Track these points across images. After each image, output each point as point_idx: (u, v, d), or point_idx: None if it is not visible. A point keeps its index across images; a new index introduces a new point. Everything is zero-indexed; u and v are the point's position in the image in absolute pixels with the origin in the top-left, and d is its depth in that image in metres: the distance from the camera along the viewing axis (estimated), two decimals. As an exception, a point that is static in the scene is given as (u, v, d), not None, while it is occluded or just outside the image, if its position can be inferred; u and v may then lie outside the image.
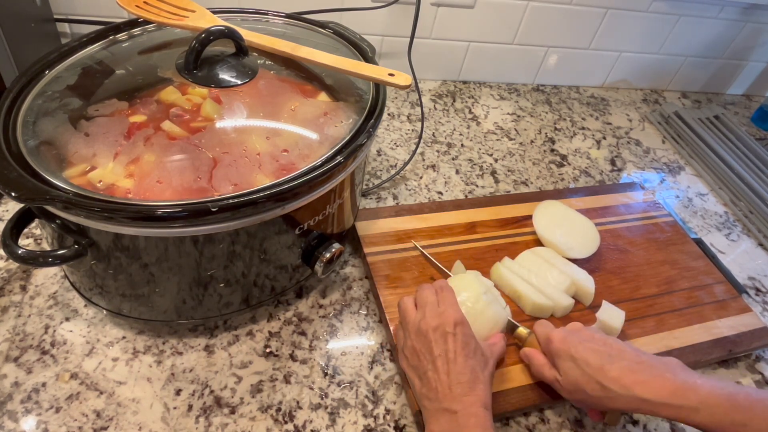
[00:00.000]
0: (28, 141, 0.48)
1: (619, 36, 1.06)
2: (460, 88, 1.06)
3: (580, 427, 0.57)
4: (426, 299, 0.53)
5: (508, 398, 0.56)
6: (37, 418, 0.50)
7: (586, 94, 1.13)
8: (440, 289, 0.55)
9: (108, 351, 0.56)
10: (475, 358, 0.50)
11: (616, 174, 0.93)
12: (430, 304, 0.53)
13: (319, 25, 0.70)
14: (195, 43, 0.55)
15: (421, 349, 0.51)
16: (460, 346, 0.50)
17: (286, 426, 0.53)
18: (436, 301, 0.53)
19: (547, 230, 0.72)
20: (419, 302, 0.54)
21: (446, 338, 0.50)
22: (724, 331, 0.67)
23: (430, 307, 0.52)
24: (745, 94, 1.26)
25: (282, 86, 0.59)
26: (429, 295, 0.54)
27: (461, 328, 0.51)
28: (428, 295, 0.54)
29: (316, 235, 0.57)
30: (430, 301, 0.53)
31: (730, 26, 1.09)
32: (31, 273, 0.61)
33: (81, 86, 0.55)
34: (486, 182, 0.86)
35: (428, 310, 0.52)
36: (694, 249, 0.78)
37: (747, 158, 1.00)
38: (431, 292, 0.54)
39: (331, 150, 0.52)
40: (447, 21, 0.96)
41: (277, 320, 0.61)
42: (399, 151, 0.88)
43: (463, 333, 0.51)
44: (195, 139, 0.50)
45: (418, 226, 0.72)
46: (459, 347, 0.50)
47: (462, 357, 0.49)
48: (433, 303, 0.53)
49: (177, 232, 0.45)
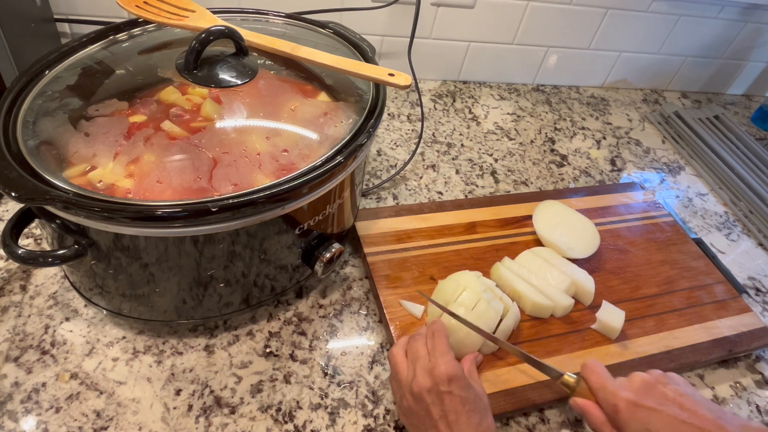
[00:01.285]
0: (28, 141, 0.48)
1: (619, 36, 1.06)
2: (460, 88, 1.06)
3: (580, 427, 0.57)
4: (417, 353, 0.50)
5: (508, 398, 0.56)
6: (37, 418, 0.50)
7: (586, 94, 1.13)
8: (431, 336, 0.51)
9: (108, 351, 0.56)
10: (477, 411, 0.47)
11: (616, 174, 0.93)
12: (422, 359, 0.49)
13: (319, 25, 0.70)
14: (195, 43, 0.55)
15: (419, 412, 0.48)
16: (459, 404, 0.47)
17: (286, 426, 0.53)
18: (427, 354, 0.50)
19: (547, 231, 0.72)
20: (410, 356, 0.51)
21: (442, 398, 0.47)
22: (724, 331, 0.67)
23: (422, 363, 0.49)
24: (745, 94, 1.26)
25: (282, 86, 0.59)
26: (420, 348, 0.51)
27: (456, 384, 0.47)
28: (419, 347, 0.51)
29: (316, 235, 0.57)
30: (421, 356, 0.50)
31: (730, 26, 1.09)
32: (31, 273, 0.61)
33: (81, 86, 0.55)
34: (486, 182, 0.86)
35: (419, 367, 0.49)
36: (694, 249, 0.78)
37: (747, 158, 1.00)
38: (422, 344, 0.51)
39: (331, 150, 0.52)
40: (447, 21, 0.96)
41: (277, 320, 0.61)
42: (399, 151, 0.88)
43: (459, 388, 0.47)
44: (195, 139, 0.50)
45: (418, 226, 0.72)
46: (458, 406, 0.47)
47: (464, 416, 0.46)
48: (424, 357, 0.49)
49: (177, 232, 0.45)
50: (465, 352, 0.57)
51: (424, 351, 0.50)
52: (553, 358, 0.60)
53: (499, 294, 0.62)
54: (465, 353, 0.57)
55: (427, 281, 0.65)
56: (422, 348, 0.51)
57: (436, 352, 0.49)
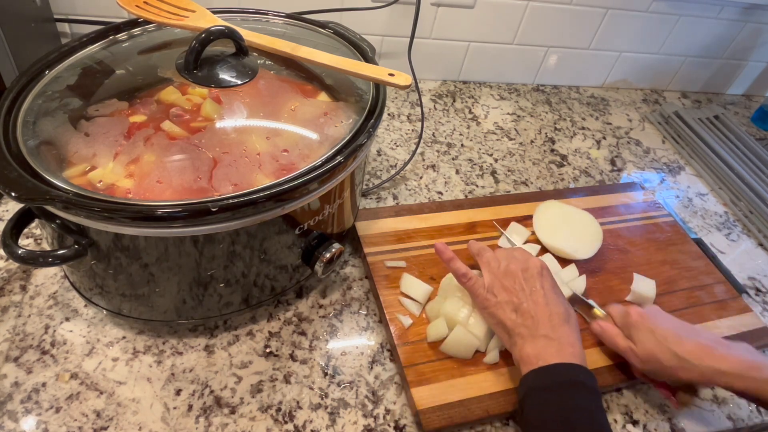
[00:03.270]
0: (28, 141, 0.48)
1: (619, 36, 1.06)
2: (460, 88, 1.06)
3: (580, 427, 0.57)
4: (502, 251, 0.61)
5: (508, 398, 0.56)
6: (37, 418, 0.50)
7: (586, 94, 1.13)
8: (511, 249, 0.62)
9: (108, 351, 0.56)
10: (564, 298, 0.56)
11: (616, 174, 0.93)
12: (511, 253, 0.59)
13: (319, 25, 0.70)
14: (195, 43, 0.55)
15: (514, 287, 0.55)
16: (550, 285, 0.56)
17: (286, 426, 0.53)
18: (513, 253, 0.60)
19: (549, 236, 0.72)
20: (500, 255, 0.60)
21: (536, 278, 0.56)
22: (724, 331, 0.67)
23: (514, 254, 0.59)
24: (745, 94, 1.26)
25: (282, 86, 0.59)
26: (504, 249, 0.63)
27: (547, 272, 0.57)
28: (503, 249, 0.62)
29: (316, 235, 0.57)
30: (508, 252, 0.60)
31: (730, 26, 1.09)
32: (31, 273, 0.61)
33: (81, 86, 0.55)
34: (486, 182, 0.86)
35: (512, 257, 0.58)
36: (694, 249, 0.78)
37: (747, 158, 1.00)
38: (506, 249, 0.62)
39: (331, 150, 0.52)
40: (447, 21, 0.96)
41: (277, 320, 0.61)
42: (399, 151, 0.88)
43: (549, 276, 0.57)
44: (195, 139, 0.50)
45: (418, 226, 0.72)
46: (549, 286, 0.56)
47: (554, 294, 0.55)
48: (511, 252, 0.60)
49: (177, 232, 0.45)
50: (464, 352, 0.58)
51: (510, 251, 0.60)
52: (553, 358, 0.60)
53: None
54: (464, 353, 0.58)
55: (427, 281, 0.65)
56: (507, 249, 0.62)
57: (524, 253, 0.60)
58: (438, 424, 0.53)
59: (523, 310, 0.53)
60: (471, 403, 0.55)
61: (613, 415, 0.59)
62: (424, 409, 0.53)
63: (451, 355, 0.58)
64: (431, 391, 0.55)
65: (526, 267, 0.57)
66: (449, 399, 0.55)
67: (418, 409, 0.53)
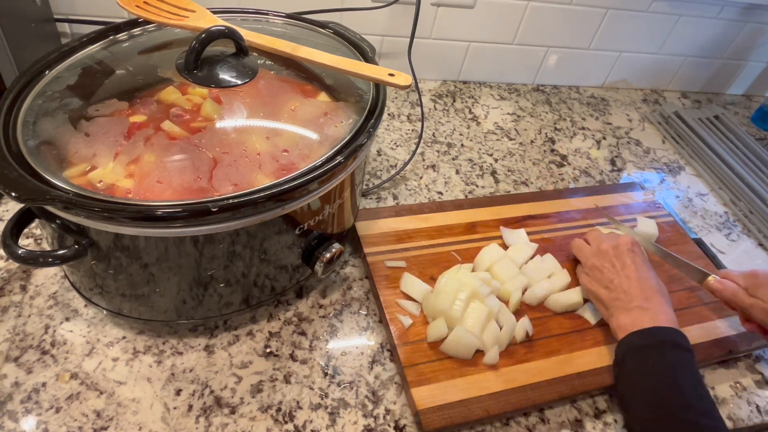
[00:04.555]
0: (28, 141, 0.48)
1: (619, 36, 1.06)
2: (460, 88, 1.06)
3: (580, 427, 0.57)
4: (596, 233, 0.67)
5: (508, 398, 0.56)
6: (37, 418, 0.50)
7: (586, 94, 1.13)
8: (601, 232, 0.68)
9: (108, 351, 0.56)
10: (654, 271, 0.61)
11: (616, 174, 0.93)
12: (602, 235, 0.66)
13: (319, 25, 0.70)
14: (195, 43, 0.55)
15: (604, 265, 0.62)
16: (641, 260, 0.61)
17: (286, 426, 0.53)
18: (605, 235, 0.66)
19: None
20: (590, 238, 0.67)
21: (627, 254, 0.61)
22: (724, 331, 0.67)
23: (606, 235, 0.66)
24: (745, 94, 1.26)
25: (282, 86, 0.59)
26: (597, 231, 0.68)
27: (638, 248, 0.63)
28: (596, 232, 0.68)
29: (316, 235, 0.57)
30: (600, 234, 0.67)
31: (730, 26, 1.09)
32: (31, 273, 0.61)
33: (81, 86, 0.55)
34: (486, 182, 0.86)
35: (603, 238, 0.65)
36: (694, 249, 0.78)
37: (747, 158, 1.00)
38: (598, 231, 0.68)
39: (331, 150, 0.52)
40: (447, 21, 0.96)
41: (277, 320, 0.61)
42: (399, 151, 0.88)
43: (640, 251, 0.63)
44: (195, 139, 0.50)
45: (418, 226, 0.72)
46: (640, 261, 0.61)
47: (644, 268, 0.61)
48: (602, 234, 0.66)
49: (177, 232, 0.45)
50: (464, 352, 0.58)
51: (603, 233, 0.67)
52: (553, 358, 0.60)
53: (496, 286, 0.63)
54: (464, 353, 0.58)
55: (427, 281, 0.65)
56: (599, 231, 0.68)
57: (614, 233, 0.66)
58: (438, 424, 0.53)
59: (615, 286, 0.60)
60: (471, 403, 0.55)
61: (614, 415, 0.59)
62: (424, 409, 0.54)
63: (451, 355, 0.58)
64: (431, 391, 0.55)
65: (616, 245, 0.63)
66: (449, 399, 0.55)
67: (418, 409, 0.53)
